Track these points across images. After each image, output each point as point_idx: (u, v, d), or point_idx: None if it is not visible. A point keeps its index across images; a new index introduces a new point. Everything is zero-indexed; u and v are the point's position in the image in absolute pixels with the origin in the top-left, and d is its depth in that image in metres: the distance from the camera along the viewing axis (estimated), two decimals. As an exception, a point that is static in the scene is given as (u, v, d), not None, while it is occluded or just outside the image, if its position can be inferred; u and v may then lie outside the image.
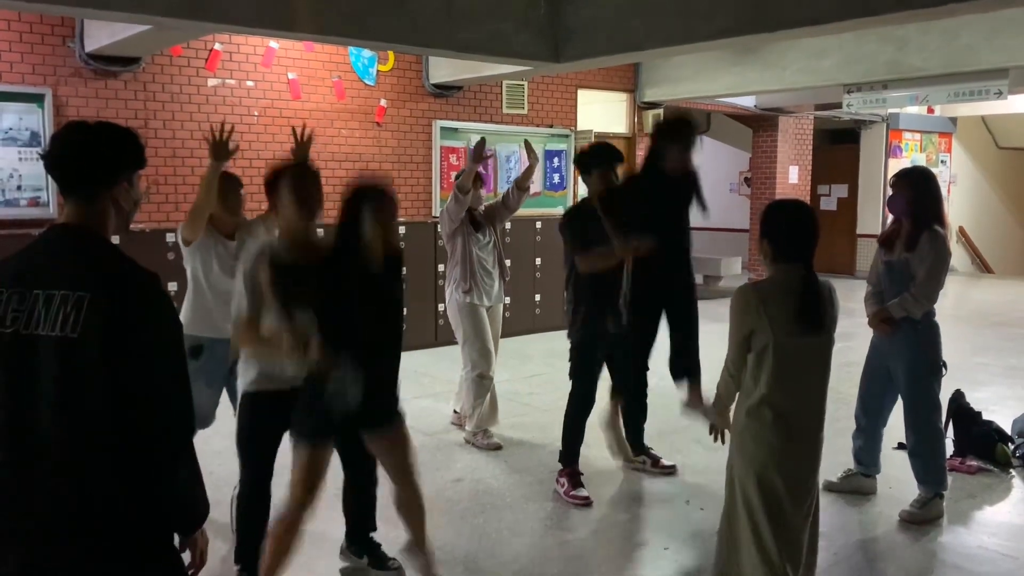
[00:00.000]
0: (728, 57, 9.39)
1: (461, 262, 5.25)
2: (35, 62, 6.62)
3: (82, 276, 1.80)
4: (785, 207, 3.04)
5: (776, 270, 2.90)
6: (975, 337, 9.34)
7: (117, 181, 1.93)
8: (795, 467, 2.87)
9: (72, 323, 1.75)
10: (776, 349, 2.81)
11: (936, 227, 4.04)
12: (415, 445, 3.39)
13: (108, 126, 1.96)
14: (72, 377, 1.75)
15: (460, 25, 6.02)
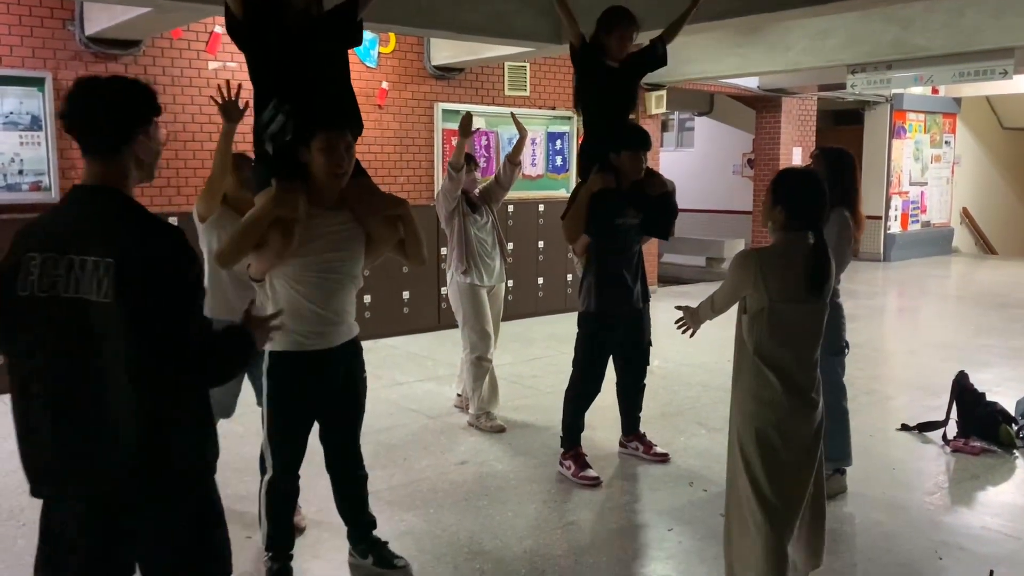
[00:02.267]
0: (731, 38, 9.33)
1: (459, 243, 5.25)
2: (35, 45, 6.58)
3: (108, 241, 1.83)
4: (799, 174, 3.09)
5: (783, 237, 2.94)
6: (979, 318, 9.33)
7: (135, 134, 1.93)
8: (792, 424, 2.92)
9: (105, 289, 1.81)
10: (772, 313, 2.88)
11: (842, 208, 3.93)
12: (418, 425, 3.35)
13: (119, 81, 1.95)
14: (104, 340, 1.83)
15: (462, 6, 5.98)
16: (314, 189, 2.98)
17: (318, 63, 3.10)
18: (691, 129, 17.38)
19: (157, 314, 1.83)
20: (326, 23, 3.14)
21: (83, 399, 1.86)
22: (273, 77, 3.06)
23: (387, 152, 8.57)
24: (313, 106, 2.97)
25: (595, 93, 4.52)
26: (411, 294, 8.32)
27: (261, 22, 3.00)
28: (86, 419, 1.87)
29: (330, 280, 3.03)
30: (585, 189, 4.41)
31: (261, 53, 3.08)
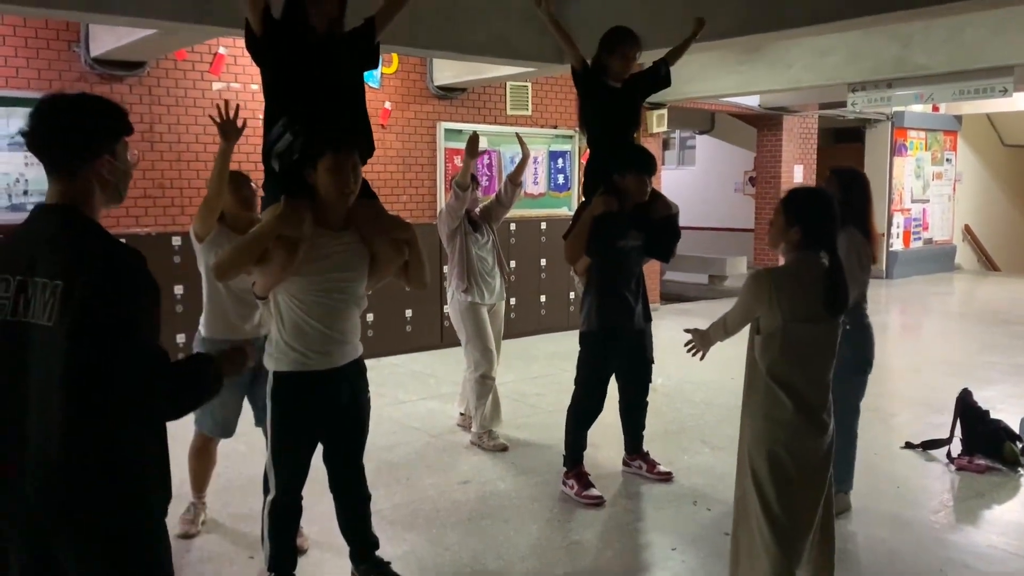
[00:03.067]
0: (732, 56, 9.39)
1: (460, 262, 5.26)
2: (40, 67, 6.63)
3: (59, 263, 1.77)
4: (812, 193, 3.10)
5: (797, 257, 2.92)
6: (982, 335, 9.31)
7: (98, 154, 1.85)
8: (804, 445, 2.91)
9: (50, 311, 1.74)
10: (786, 333, 2.87)
11: (852, 228, 3.95)
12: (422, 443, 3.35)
13: (84, 98, 1.88)
14: (49, 368, 1.75)
15: (464, 27, 6.03)
16: (321, 209, 2.99)
17: (334, 84, 3.13)
18: (692, 147, 17.45)
19: (95, 340, 1.74)
20: (346, 45, 3.17)
21: (22, 428, 1.78)
22: (287, 95, 3.08)
23: (390, 171, 8.60)
24: (323, 126, 2.99)
25: (599, 113, 4.54)
26: (414, 312, 8.33)
27: (280, 40, 3.03)
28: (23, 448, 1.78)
29: (334, 300, 3.04)
30: (588, 212, 4.42)
31: (277, 71, 3.10)
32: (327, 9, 3.04)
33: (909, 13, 4.90)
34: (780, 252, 3.01)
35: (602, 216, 4.37)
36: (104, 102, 1.90)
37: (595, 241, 4.40)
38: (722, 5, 5.41)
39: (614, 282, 4.45)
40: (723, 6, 5.41)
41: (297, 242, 2.90)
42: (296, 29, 3.04)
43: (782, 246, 2.97)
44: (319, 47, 3.08)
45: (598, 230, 4.39)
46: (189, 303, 6.31)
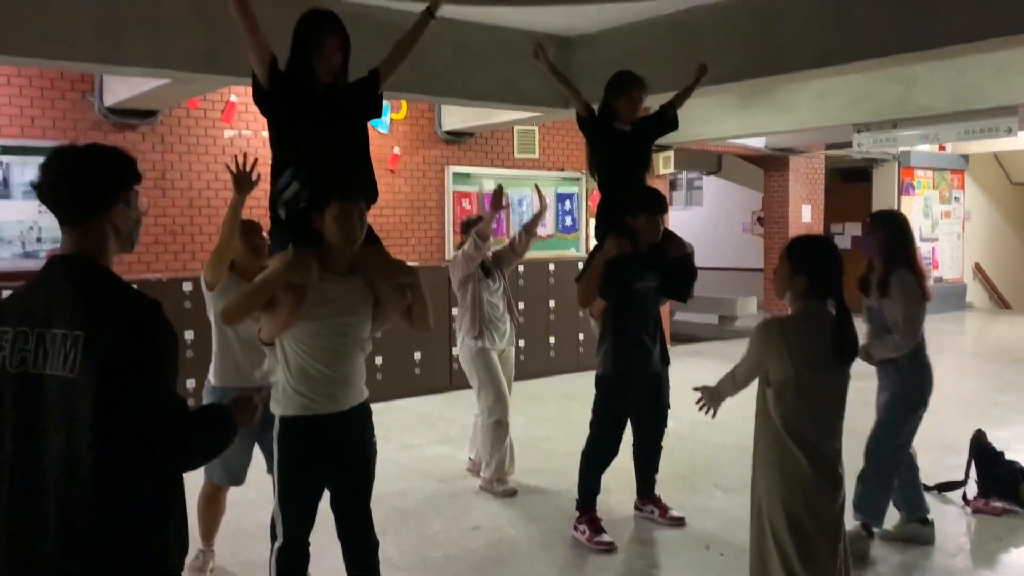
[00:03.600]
0: (737, 99, 9.48)
1: (471, 308, 5.26)
2: (56, 116, 6.76)
3: (78, 313, 1.77)
4: (817, 241, 3.09)
5: (804, 306, 2.91)
6: (996, 374, 9.23)
7: (113, 204, 1.87)
8: (820, 498, 2.88)
9: (71, 363, 1.74)
10: (798, 384, 2.84)
11: (903, 271, 4.05)
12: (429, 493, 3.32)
13: (95, 149, 1.90)
14: (71, 417, 1.75)
15: (473, 73, 6.13)
16: (326, 254, 3.03)
17: (339, 134, 3.18)
18: (700, 188, 17.52)
19: (123, 389, 1.74)
20: (350, 95, 3.23)
21: (43, 479, 1.78)
22: (293, 145, 3.13)
23: (399, 215, 8.67)
24: (329, 175, 3.03)
25: (608, 157, 4.58)
26: (422, 355, 8.32)
27: (286, 92, 3.10)
28: (43, 500, 1.77)
29: (339, 344, 3.05)
30: (601, 255, 4.43)
31: (284, 122, 3.16)
32: (331, 62, 3.11)
33: (909, 56, 4.96)
34: (786, 301, 2.99)
35: (616, 258, 4.37)
36: (114, 152, 1.92)
37: (610, 284, 4.40)
38: (725, 50, 5.49)
39: (631, 325, 4.43)
40: (726, 51, 5.49)
41: (304, 289, 2.94)
42: (301, 81, 3.11)
43: (788, 295, 2.96)
44: (324, 98, 3.14)
45: (612, 273, 4.39)
46: (199, 349, 6.33)
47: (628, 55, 5.99)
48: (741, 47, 5.45)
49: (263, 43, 3.05)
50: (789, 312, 3.01)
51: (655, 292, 4.53)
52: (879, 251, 4.21)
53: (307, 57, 3.09)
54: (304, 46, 3.09)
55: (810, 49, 5.16)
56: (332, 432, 3.07)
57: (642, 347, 4.45)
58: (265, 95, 3.13)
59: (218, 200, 7.43)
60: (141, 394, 1.77)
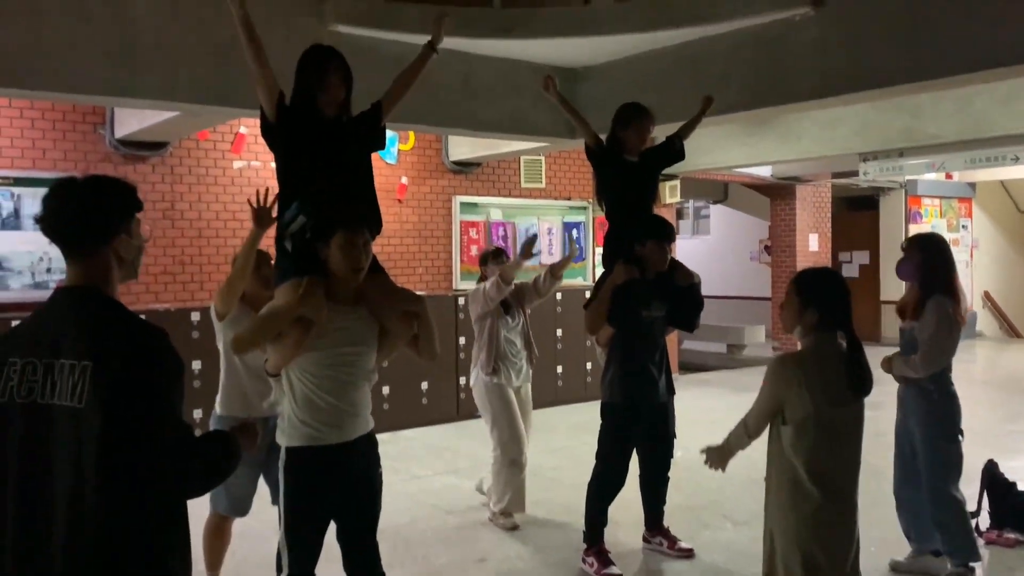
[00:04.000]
0: (743, 128, 9.52)
1: (488, 344, 5.17)
2: (67, 148, 6.83)
3: (86, 343, 1.79)
4: (824, 274, 3.04)
5: (815, 339, 2.86)
6: (1008, 404, 9.15)
7: (116, 234, 1.89)
8: (837, 539, 2.84)
9: (79, 393, 1.75)
10: (817, 421, 2.78)
11: (940, 295, 4.01)
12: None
13: (96, 181, 1.93)
14: (78, 446, 1.76)
15: (480, 104, 6.18)
16: (332, 284, 3.04)
17: (344, 167, 3.22)
18: (707, 216, 17.56)
19: (130, 418, 1.76)
20: (354, 128, 3.27)
21: (49, 510, 1.78)
22: (300, 179, 3.16)
23: (406, 244, 8.70)
24: (335, 206, 3.06)
25: (616, 187, 4.61)
26: (429, 385, 8.31)
27: (292, 126, 3.14)
28: (50, 531, 1.78)
29: (344, 374, 3.05)
30: (609, 281, 4.44)
31: (290, 155, 3.20)
32: (334, 96, 3.16)
33: (915, 86, 4.98)
34: (796, 335, 2.94)
35: (624, 285, 4.38)
36: (116, 183, 1.94)
37: (619, 311, 4.39)
38: (730, 80, 5.53)
39: (637, 353, 4.42)
40: (731, 81, 5.53)
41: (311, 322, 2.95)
42: (306, 114, 3.15)
43: (797, 329, 2.90)
44: (328, 131, 3.18)
45: (620, 300, 4.39)
46: (206, 379, 6.34)
47: (634, 86, 6.03)
48: (747, 77, 5.49)
49: (272, 78, 3.10)
50: (799, 347, 2.96)
51: (662, 321, 4.52)
52: (916, 275, 4.14)
53: (311, 92, 3.13)
54: (307, 81, 3.14)
55: (815, 79, 5.19)
56: (338, 463, 3.07)
57: (648, 376, 4.44)
58: (272, 129, 3.18)
59: (226, 231, 7.48)
60: (149, 421, 1.78)
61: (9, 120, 6.61)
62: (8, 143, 6.61)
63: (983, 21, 4.43)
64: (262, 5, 4.93)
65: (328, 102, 3.15)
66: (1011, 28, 4.35)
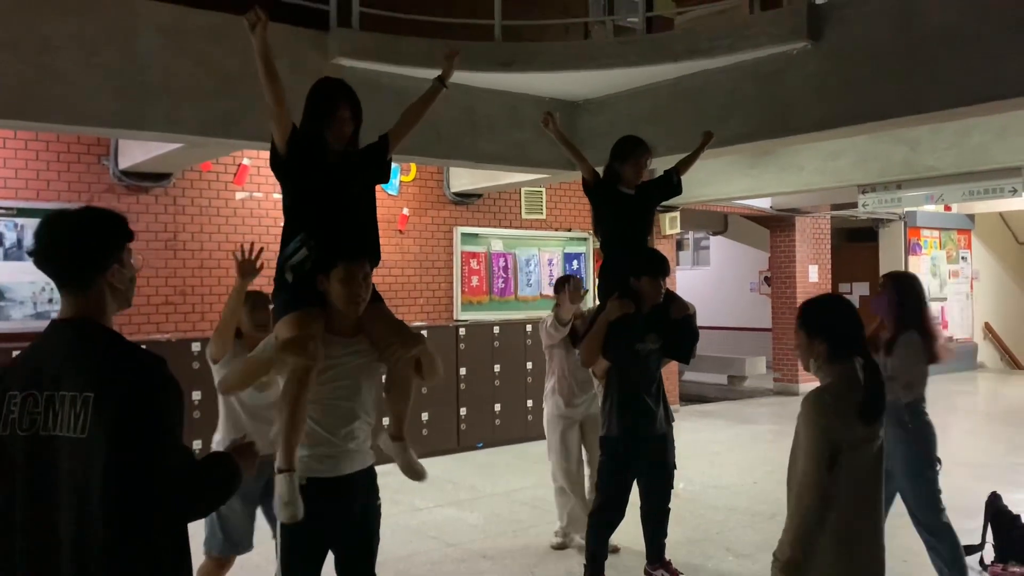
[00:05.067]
0: (743, 160, 9.59)
1: (557, 375, 5.35)
2: (71, 179, 6.87)
3: (87, 375, 1.81)
4: (826, 301, 2.86)
5: (831, 371, 2.63)
6: (1011, 436, 9.11)
7: (108, 265, 1.91)
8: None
9: (82, 424, 1.76)
10: (848, 468, 2.48)
11: (912, 333, 4.09)
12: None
13: (87, 213, 1.95)
14: (83, 477, 1.77)
15: (482, 136, 6.24)
16: (331, 316, 3.05)
17: (348, 199, 3.24)
18: (707, 248, 17.60)
19: (134, 445, 1.77)
20: (360, 162, 3.29)
21: (56, 541, 1.79)
22: (304, 212, 3.18)
23: (407, 275, 8.72)
24: (337, 239, 3.08)
25: (612, 219, 4.64)
26: (430, 415, 8.28)
27: (300, 159, 3.16)
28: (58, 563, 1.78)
29: (342, 408, 3.05)
30: (603, 316, 4.45)
31: (296, 187, 3.22)
32: (342, 131, 3.18)
33: (913, 119, 5.03)
34: (813, 372, 2.70)
35: (618, 320, 4.39)
36: (107, 214, 1.96)
37: (613, 345, 4.41)
38: (730, 113, 5.58)
39: (634, 386, 4.42)
40: (730, 115, 5.58)
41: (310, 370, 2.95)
42: (313, 147, 3.17)
43: (812, 363, 2.68)
44: (335, 165, 3.20)
45: (615, 333, 4.40)
46: (206, 409, 6.32)
47: (634, 119, 6.10)
48: (746, 110, 5.54)
49: (286, 112, 3.12)
50: (820, 383, 2.69)
51: (657, 354, 4.53)
52: (889, 312, 4.23)
53: (319, 125, 3.15)
54: (316, 115, 3.15)
55: (814, 112, 5.24)
56: (336, 496, 3.05)
57: (644, 407, 4.44)
58: (282, 162, 3.19)
59: (228, 262, 7.50)
60: (153, 448, 1.80)
61: (14, 151, 6.67)
62: (12, 174, 6.65)
63: (980, 55, 4.48)
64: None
65: (335, 136, 3.17)
66: (1008, 62, 4.41)
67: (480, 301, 9.27)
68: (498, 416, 8.81)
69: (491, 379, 8.78)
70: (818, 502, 2.45)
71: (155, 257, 7.16)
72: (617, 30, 6.27)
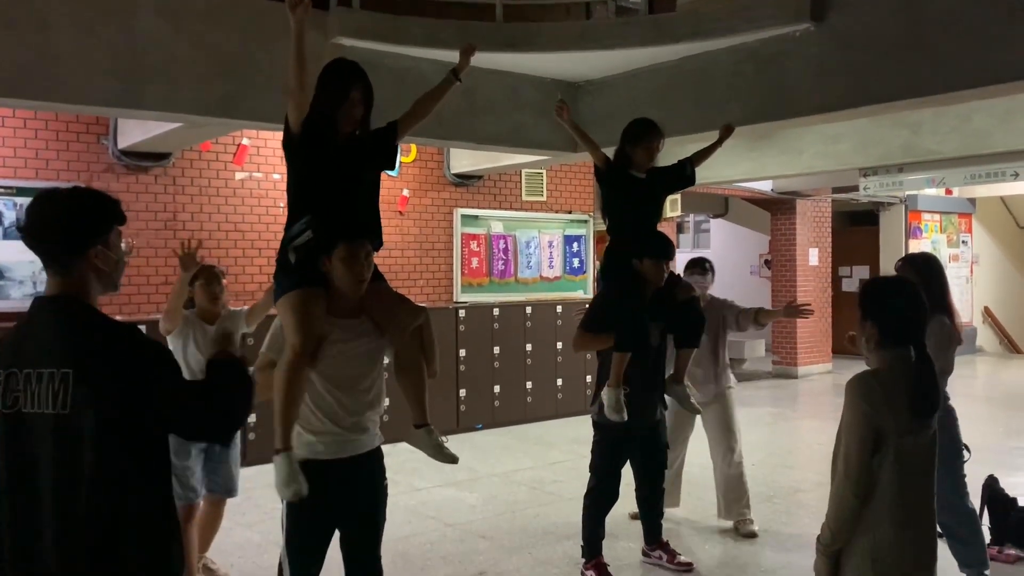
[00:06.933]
0: (744, 143, 9.55)
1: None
2: (70, 159, 6.85)
3: (65, 351, 1.83)
4: (887, 284, 2.80)
5: (882, 357, 2.56)
6: (1008, 420, 9.14)
7: (90, 246, 1.91)
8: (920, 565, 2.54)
9: (62, 400, 1.79)
10: (899, 454, 2.43)
11: (940, 316, 4.03)
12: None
13: (76, 193, 1.96)
14: (67, 452, 1.80)
15: (482, 118, 6.20)
16: (334, 298, 3.05)
17: (355, 183, 3.22)
18: (707, 231, 17.57)
19: (125, 413, 1.82)
20: (367, 146, 3.28)
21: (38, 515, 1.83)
22: (310, 193, 3.16)
23: (407, 256, 8.72)
24: (341, 221, 3.07)
25: (621, 204, 4.56)
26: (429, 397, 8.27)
27: (314, 141, 3.15)
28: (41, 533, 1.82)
29: (349, 392, 3.05)
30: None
31: (304, 168, 3.20)
32: (354, 113, 3.16)
33: (915, 102, 5.00)
34: (863, 354, 2.64)
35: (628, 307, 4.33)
36: (95, 195, 1.97)
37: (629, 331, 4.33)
38: (732, 95, 5.55)
39: (629, 375, 4.39)
40: (731, 96, 5.55)
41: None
42: (323, 128, 3.15)
43: (863, 345, 2.61)
44: (344, 148, 3.18)
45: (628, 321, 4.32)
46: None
47: (636, 100, 6.07)
48: (747, 92, 5.51)
49: (306, 95, 3.11)
50: (868, 366, 2.63)
51: (657, 337, 4.49)
52: None
53: (330, 107, 3.12)
54: (327, 96, 3.13)
55: (816, 95, 5.21)
56: (341, 478, 3.05)
57: (640, 396, 4.42)
58: (293, 141, 3.17)
59: (228, 242, 7.49)
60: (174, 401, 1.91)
61: (13, 130, 6.64)
62: (11, 153, 6.63)
63: (983, 37, 4.45)
64: (267, 16, 4.98)
65: (347, 119, 3.15)
66: (1010, 46, 4.38)
67: (480, 283, 9.27)
68: (497, 398, 8.84)
69: (491, 361, 8.80)
70: (858, 486, 2.43)
71: (154, 237, 7.15)
72: (619, 11, 6.20)
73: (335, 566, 3.29)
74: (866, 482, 2.43)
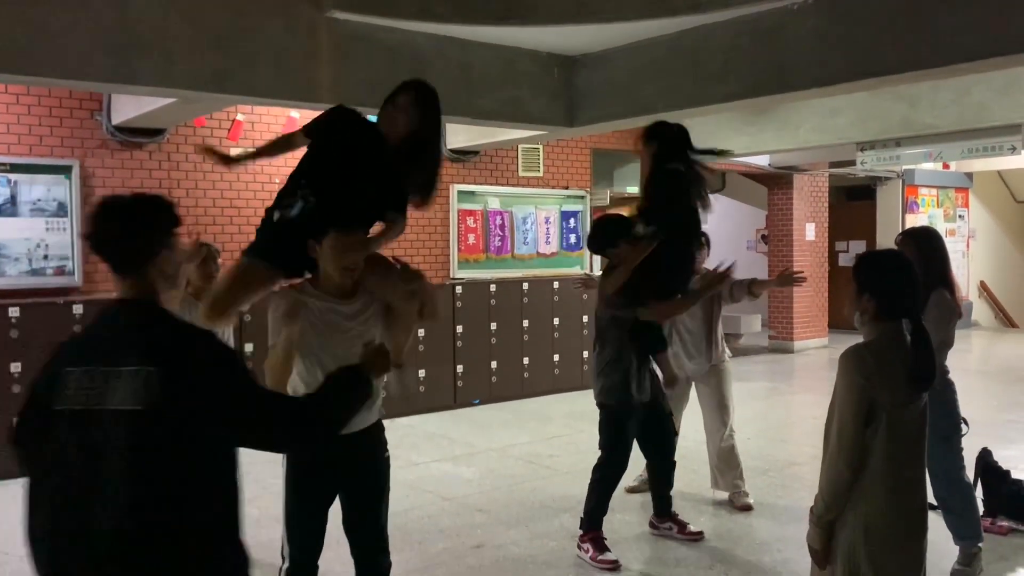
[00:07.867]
0: (741, 117, 9.51)
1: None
2: (64, 135, 6.81)
3: (148, 350, 1.91)
4: (884, 257, 2.81)
5: (880, 329, 2.57)
6: (1002, 393, 9.19)
7: (159, 251, 2.03)
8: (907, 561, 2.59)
9: (140, 397, 1.85)
10: (891, 425, 2.46)
11: (942, 290, 4.04)
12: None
13: (138, 201, 2.05)
14: (142, 449, 1.85)
15: (478, 93, 6.16)
16: (323, 279, 3.05)
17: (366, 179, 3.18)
18: (704, 206, 17.56)
19: (197, 413, 1.88)
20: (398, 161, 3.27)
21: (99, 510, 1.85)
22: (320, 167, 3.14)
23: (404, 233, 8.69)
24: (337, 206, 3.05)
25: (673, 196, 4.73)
26: (427, 373, 8.32)
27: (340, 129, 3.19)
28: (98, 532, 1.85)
29: None
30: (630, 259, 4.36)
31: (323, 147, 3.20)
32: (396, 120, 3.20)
33: (913, 75, 4.98)
34: (858, 326, 2.65)
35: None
36: (157, 201, 2.08)
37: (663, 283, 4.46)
38: (728, 69, 5.52)
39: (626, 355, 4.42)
40: (729, 70, 5.52)
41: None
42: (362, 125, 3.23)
43: (857, 318, 2.63)
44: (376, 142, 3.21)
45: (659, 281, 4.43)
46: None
47: (633, 74, 6.03)
48: (745, 66, 5.48)
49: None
50: (863, 339, 2.63)
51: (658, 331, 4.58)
52: None
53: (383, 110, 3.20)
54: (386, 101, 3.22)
55: (814, 68, 5.19)
56: (340, 453, 3.06)
57: (639, 370, 4.46)
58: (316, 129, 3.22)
59: (223, 218, 7.47)
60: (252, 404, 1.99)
61: (5, 106, 6.59)
62: (4, 129, 6.58)
63: (982, 10, 4.43)
64: (259, -9, 4.92)
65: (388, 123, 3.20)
66: (1009, 18, 4.35)
67: (477, 259, 9.26)
68: (494, 373, 8.86)
69: (487, 337, 8.81)
70: (851, 458, 2.45)
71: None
72: (616, -17, 6.16)
73: (337, 566, 3.29)
74: (859, 454, 2.45)
